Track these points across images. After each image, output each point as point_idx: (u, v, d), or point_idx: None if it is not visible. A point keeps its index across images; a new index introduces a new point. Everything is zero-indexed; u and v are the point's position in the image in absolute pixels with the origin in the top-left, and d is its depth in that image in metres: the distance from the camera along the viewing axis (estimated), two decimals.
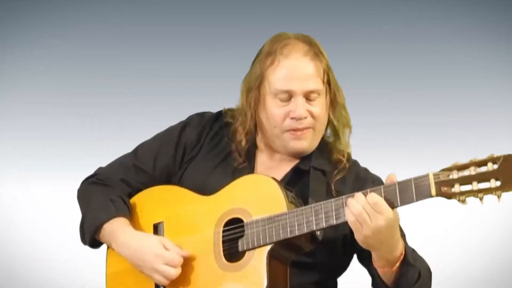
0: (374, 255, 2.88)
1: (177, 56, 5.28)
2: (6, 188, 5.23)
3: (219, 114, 3.25)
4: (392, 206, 2.78)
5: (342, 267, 3.15)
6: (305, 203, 2.96)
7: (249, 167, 3.14)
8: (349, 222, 2.80)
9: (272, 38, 3.11)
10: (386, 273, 2.90)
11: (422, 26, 5.28)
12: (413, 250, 3.00)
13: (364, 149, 5.12)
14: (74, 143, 5.26)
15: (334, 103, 3.12)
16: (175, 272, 2.99)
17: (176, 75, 5.34)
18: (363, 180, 3.12)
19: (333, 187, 3.06)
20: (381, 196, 2.76)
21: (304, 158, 3.11)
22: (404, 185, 2.76)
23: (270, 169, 3.13)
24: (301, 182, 3.08)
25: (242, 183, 3.04)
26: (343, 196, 2.83)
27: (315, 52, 3.07)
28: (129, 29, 5.40)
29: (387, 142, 5.11)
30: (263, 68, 3.06)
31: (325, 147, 3.13)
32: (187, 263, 3.02)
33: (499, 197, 2.65)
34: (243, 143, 3.13)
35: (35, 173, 5.20)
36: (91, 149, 5.17)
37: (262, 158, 3.17)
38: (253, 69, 3.11)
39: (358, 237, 2.80)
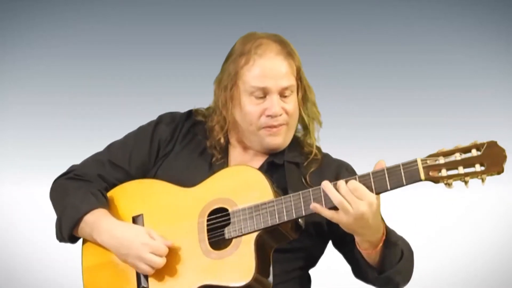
0: (357, 239, 2.97)
1: (177, 56, 5.28)
2: (6, 188, 5.24)
3: (190, 113, 3.33)
4: (382, 190, 2.87)
5: (319, 254, 3.22)
6: (285, 193, 3.04)
7: (225, 162, 3.20)
8: (327, 217, 2.89)
9: (243, 38, 3.20)
10: (371, 255, 2.99)
11: (422, 26, 5.29)
12: (394, 231, 3.07)
13: (364, 149, 5.13)
14: (74, 143, 5.26)
15: (305, 99, 3.21)
16: (161, 261, 3.01)
17: (176, 75, 5.34)
18: (338, 171, 3.21)
19: (308, 179, 3.15)
20: (371, 182, 2.86)
21: (277, 152, 3.19)
22: (393, 170, 2.86)
23: (245, 163, 3.20)
24: (275, 176, 3.14)
25: (225, 174, 3.10)
26: (333, 182, 2.91)
27: (288, 51, 3.15)
28: (129, 29, 5.40)
29: (387, 142, 5.11)
30: (237, 67, 3.14)
31: (295, 142, 3.22)
32: (172, 252, 3.04)
33: (483, 180, 2.79)
34: (222, 140, 3.21)
35: (35, 173, 5.20)
36: (91, 149, 5.16)
37: (235, 154, 3.24)
38: (225, 69, 3.19)
39: (341, 223, 2.88)
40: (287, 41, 3.18)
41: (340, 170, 3.20)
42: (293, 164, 3.18)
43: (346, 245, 3.10)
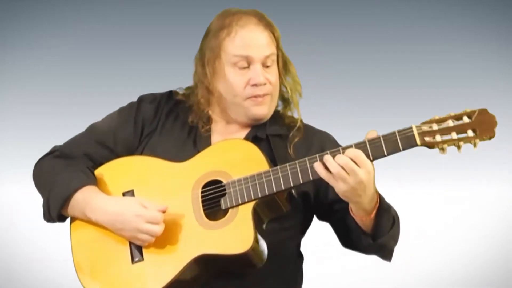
0: (352, 207, 3.00)
1: (177, 56, 5.28)
2: (6, 188, 5.23)
3: (170, 93, 3.35)
4: (379, 156, 2.93)
5: (307, 225, 3.25)
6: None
7: (207, 139, 3.21)
8: (325, 178, 2.93)
9: (219, 15, 3.25)
10: (365, 221, 3.03)
11: (422, 26, 5.29)
12: (383, 197, 3.11)
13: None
14: None
15: (285, 70, 3.25)
16: (159, 228, 3.00)
17: (176, 75, 5.33)
18: (322, 141, 3.25)
19: (292, 152, 3.18)
20: (367, 149, 2.92)
21: (258, 127, 3.22)
22: (389, 137, 2.93)
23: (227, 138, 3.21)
24: (261, 149, 3.15)
25: (217, 148, 3.11)
26: (328, 151, 2.95)
27: (267, 22, 3.20)
28: (129, 29, 5.40)
29: None
30: (218, 40, 3.18)
31: (276, 115, 3.24)
32: (166, 224, 3.02)
33: (475, 145, 2.90)
34: (209, 112, 3.23)
35: None
36: None
37: (217, 128, 3.25)
38: (205, 46, 3.22)
39: (338, 191, 2.92)
40: (264, 14, 3.24)
41: (323, 141, 3.24)
42: (277, 137, 3.21)
43: (335, 213, 3.14)
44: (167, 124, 3.27)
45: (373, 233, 3.05)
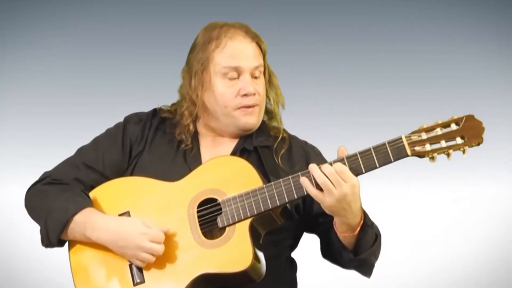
0: (337, 221, 3.03)
1: (177, 56, 5.27)
2: (6, 188, 5.23)
3: (155, 111, 3.36)
4: (371, 168, 2.95)
5: (300, 235, 3.28)
6: (266, 180, 3.10)
7: (196, 154, 3.24)
8: (312, 195, 2.95)
9: (206, 28, 3.26)
10: (347, 238, 3.05)
11: (422, 26, 5.29)
12: (366, 212, 3.13)
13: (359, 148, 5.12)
14: (74, 143, 5.26)
15: (270, 83, 3.29)
16: (161, 247, 3.02)
17: (176, 75, 5.33)
18: (306, 152, 3.28)
19: (280, 162, 3.21)
20: (359, 162, 2.94)
21: (245, 138, 3.25)
22: (379, 149, 2.95)
23: (217, 151, 3.24)
24: (250, 161, 3.17)
25: (209, 166, 3.12)
26: (321, 165, 2.96)
27: (254, 34, 3.23)
28: (129, 29, 5.40)
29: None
30: (207, 52, 3.20)
31: (261, 126, 3.28)
32: (166, 245, 3.04)
33: (464, 152, 2.91)
34: (191, 127, 3.25)
35: (35, 173, 5.20)
36: None
37: (205, 142, 3.27)
38: (193, 59, 3.25)
39: (324, 203, 2.94)
40: (250, 26, 3.27)
41: (308, 153, 3.27)
42: (265, 148, 3.24)
43: (319, 225, 3.17)
44: (154, 142, 3.28)
45: (355, 249, 3.07)
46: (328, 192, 2.91)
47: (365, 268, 3.14)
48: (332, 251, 3.14)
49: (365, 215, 3.05)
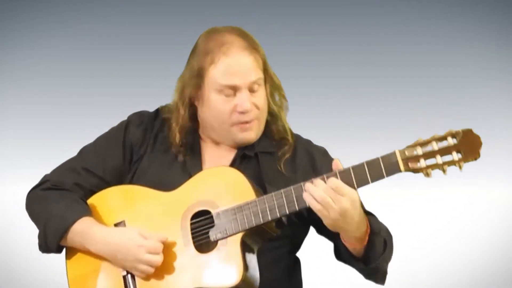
0: (343, 235, 2.98)
1: (177, 56, 5.27)
2: (6, 188, 5.23)
3: (157, 111, 3.32)
4: (363, 184, 2.90)
5: (303, 237, 3.25)
6: (262, 188, 3.06)
7: (197, 159, 3.20)
8: (314, 210, 2.90)
9: (205, 35, 3.18)
10: (356, 249, 3.01)
11: (422, 26, 5.28)
12: (371, 215, 3.11)
13: (361, 149, 5.12)
14: (74, 143, 5.25)
15: (273, 90, 3.21)
16: (159, 258, 3.01)
17: (176, 75, 5.33)
18: (311, 155, 3.22)
19: (282, 168, 3.16)
20: (352, 177, 2.89)
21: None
22: (372, 164, 2.89)
23: (218, 157, 3.20)
24: (249, 168, 3.16)
25: (204, 176, 3.10)
26: (312, 179, 2.92)
27: (252, 45, 3.13)
28: (129, 29, 5.40)
29: (386, 142, 5.11)
30: (201, 66, 3.13)
31: (266, 130, 3.22)
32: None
33: (461, 167, 2.86)
34: (177, 138, 3.20)
35: (35, 173, 5.20)
36: None
37: (208, 148, 3.23)
38: (191, 67, 3.18)
39: (326, 221, 2.90)
40: (250, 34, 3.17)
41: (313, 156, 3.21)
42: (267, 154, 3.19)
43: (326, 230, 3.09)
44: (156, 147, 3.25)
45: (365, 258, 3.03)
46: (328, 207, 2.87)
47: (378, 276, 3.09)
48: (343, 258, 3.11)
49: (371, 224, 3.00)
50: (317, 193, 2.88)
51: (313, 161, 3.17)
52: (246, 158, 3.19)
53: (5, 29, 5.38)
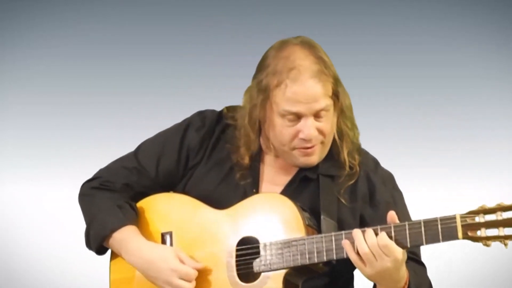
0: (378, 285, 2.89)
1: (177, 56, 5.28)
2: (6, 188, 5.23)
3: (220, 115, 3.20)
4: (416, 245, 2.79)
5: (352, 270, 3.14)
6: (317, 215, 2.97)
7: (255, 178, 3.11)
8: (351, 259, 2.81)
9: (276, 49, 3.04)
10: None
11: (422, 26, 5.28)
12: (421, 266, 3.01)
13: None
14: (74, 143, 5.26)
15: (343, 110, 3.09)
16: (190, 286, 2.97)
17: (176, 75, 5.34)
18: (372, 184, 3.10)
19: (342, 198, 3.05)
20: (406, 235, 2.76)
21: None
22: (430, 224, 2.76)
23: (277, 174, 3.12)
24: (307, 191, 3.08)
25: (257, 201, 3.03)
26: (365, 228, 2.81)
27: (322, 70, 2.99)
28: (129, 29, 5.39)
29: (384, 142, 5.11)
30: (268, 84, 2.99)
31: (332, 149, 3.10)
32: (199, 279, 3.00)
33: None
34: (246, 161, 3.11)
35: (35, 173, 5.20)
36: (91, 149, 5.17)
37: (268, 161, 3.14)
38: (258, 83, 3.04)
39: (361, 271, 2.83)
40: (321, 50, 3.04)
41: (373, 187, 3.09)
42: (328, 178, 3.08)
43: None
44: (213, 155, 3.17)
45: None
46: (369, 263, 2.78)
47: None
48: None
49: (410, 279, 2.89)
50: (361, 246, 2.78)
51: (372, 192, 3.05)
52: (307, 180, 3.08)
53: (5, 29, 5.37)
